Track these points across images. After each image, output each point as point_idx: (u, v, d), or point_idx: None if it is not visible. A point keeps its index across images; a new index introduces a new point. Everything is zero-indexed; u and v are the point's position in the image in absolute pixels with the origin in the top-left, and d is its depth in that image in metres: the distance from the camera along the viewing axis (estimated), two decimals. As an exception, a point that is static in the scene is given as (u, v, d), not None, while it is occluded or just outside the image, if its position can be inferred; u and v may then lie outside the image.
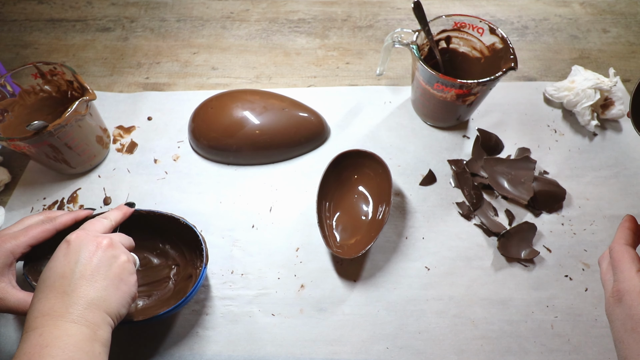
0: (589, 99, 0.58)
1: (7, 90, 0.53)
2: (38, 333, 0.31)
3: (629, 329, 0.29)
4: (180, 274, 0.48)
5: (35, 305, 0.33)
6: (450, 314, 0.47)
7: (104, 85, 0.67)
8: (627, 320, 0.30)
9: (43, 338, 0.31)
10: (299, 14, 0.77)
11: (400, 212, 0.54)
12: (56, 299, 0.33)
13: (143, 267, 0.49)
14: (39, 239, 0.41)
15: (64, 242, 0.37)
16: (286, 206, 0.55)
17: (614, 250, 0.33)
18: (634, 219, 0.35)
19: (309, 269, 0.50)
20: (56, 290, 0.33)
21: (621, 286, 0.31)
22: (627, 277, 0.31)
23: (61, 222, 0.42)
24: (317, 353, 0.45)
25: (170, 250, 0.50)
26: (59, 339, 0.31)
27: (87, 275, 0.35)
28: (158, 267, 0.49)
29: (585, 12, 0.76)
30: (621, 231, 0.34)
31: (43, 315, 0.32)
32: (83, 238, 0.37)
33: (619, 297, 0.31)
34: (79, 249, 0.36)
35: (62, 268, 0.35)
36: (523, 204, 0.54)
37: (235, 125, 0.56)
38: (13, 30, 0.75)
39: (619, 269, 0.32)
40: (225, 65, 0.70)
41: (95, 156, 0.57)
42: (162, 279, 0.48)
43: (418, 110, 0.62)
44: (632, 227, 0.34)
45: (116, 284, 0.36)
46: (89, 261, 0.35)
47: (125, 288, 0.37)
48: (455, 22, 0.55)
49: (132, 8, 0.78)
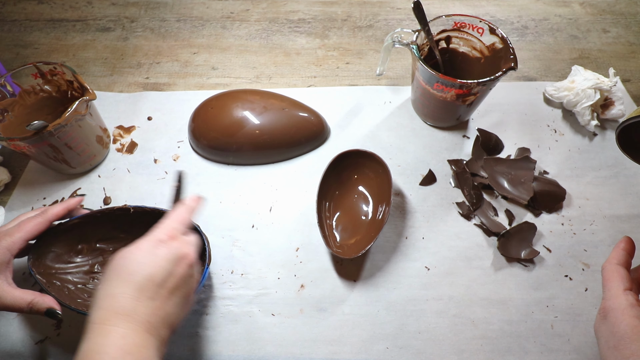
0: (589, 99, 0.58)
1: (7, 90, 0.53)
2: (120, 334, 0.30)
3: (611, 347, 0.29)
4: None
5: (113, 292, 0.32)
6: (450, 314, 0.47)
7: (104, 85, 0.67)
8: (610, 337, 0.30)
9: (125, 342, 0.30)
10: (299, 14, 0.77)
11: (400, 212, 0.54)
12: (139, 301, 0.32)
13: None
14: (33, 233, 0.40)
15: (165, 243, 0.35)
16: (286, 206, 0.55)
17: (605, 270, 0.34)
18: (630, 241, 0.35)
19: (309, 269, 0.50)
20: (141, 291, 0.32)
21: (607, 304, 0.31)
22: (613, 295, 0.31)
23: (53, 213, 0.42)
24: (317, 353, 0.45)
25: None
26: (140, 349, 0.30)
27: (172, 288, 0.34)
28: None
29: (585, 12, 0.76)
30: (615, 251, 0.34)
31: (123, 313, 0.31)
32: (182, 248, 0.36)
33: (605, 314, 0.31)
34: (175, 258, 0.35)
35: (154, 270, 0.33)
36: (523, 204, 0.54)
37: (235, 125, 0.56)
38: (13, 30, 0.75)
39: (607, 287, 0.32)
40: (225, 65, 0.70)
41: (95, 156, 0.57)
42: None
43: (418, 110, 0.62)
44: (626, 247, 0.34)
45: (184, 303, 0.36)
46: (179, 275, 0.34)
47: (188, 308, 0.36)
48: (455, 22, 0.55)
49: (132, 8, 0.78)
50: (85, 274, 0.47)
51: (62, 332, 0.46)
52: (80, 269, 0.47)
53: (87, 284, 0.46)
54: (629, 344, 0.28)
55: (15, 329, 0.47)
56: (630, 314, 0.29)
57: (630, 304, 0.30)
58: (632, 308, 0.30)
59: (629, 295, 0.31)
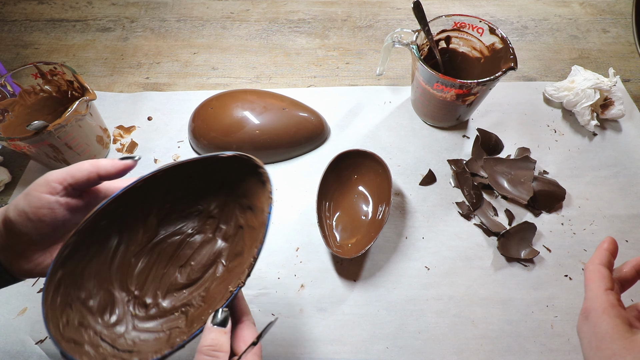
0: (588, 99, 0.58)
1: (7, 90, 0.53)
2: None
3: (593, 347, 0.29)
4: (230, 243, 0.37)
5: None
6: (450, 313, 0.47)
7: (104, 85, 0.67)
8: (592, 338, 0.30)
9: None
10: (299, 14, 0.77)
11: (400, 212, 0.54)
12: None
13: (183, 248, 0.37)
14: (77, 174, 0.31)
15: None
16: (286, 206, 0.55)
17: (587, 270, 0.33)
18: (613, 241, 0.35)
19: (309, 268, 0.50)
20: None
21: (588, 304, 0.31)
22: (594, 295, 0.31)
23: (102, 167, 0.33)
24: (317, 353, 0.45)
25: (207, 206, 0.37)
26: None
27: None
28: (202, 245, 0.37)
29: (585, 12, 0.76)
30: (598, 252, 0.34)
31: None
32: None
33: (586, 315, 0.31)
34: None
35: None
36: (523, 204, 0.54)
37: (235, 125, 0.56)
38: (13, 31, 0.75)
39: (589, 287, 0.32)
40: (225, 65, 0.70)
41: (95, 156, 0.57)
42: (210, 262, 0.37)
43: (418, 110, 0.62)
44: (609, 248, 0.34)
45: None
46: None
47: None
48: (455, 22, 0.55)
49: (132, 8, 0.78)
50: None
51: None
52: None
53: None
54: (610, 344, 0.28)
55: (16, 329, 0.47)
56: (610, 313, 0.29)
57: (611, 304, 0.30)
58: (612, 308, 0.30)
59: (610, 295, 0.31)
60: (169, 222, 0.37)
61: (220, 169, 0.35)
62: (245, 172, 0.35)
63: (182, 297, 0.35)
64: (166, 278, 0.36)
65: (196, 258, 0.37)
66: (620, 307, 0.30)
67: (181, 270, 0.36)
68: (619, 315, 0.29)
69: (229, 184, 0.37)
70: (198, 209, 0.38)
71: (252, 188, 0.36)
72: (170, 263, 0.36)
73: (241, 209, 0.37)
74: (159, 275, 0.36)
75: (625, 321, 0.29)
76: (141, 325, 0.33)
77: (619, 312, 0.29)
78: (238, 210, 0.37)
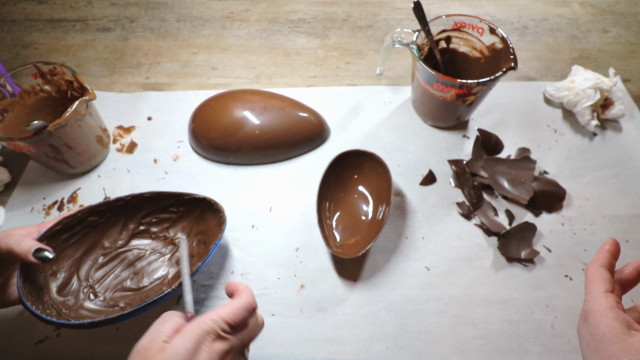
0: (589, 99, 0.58)
1: (7, 90, 0.53)
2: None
3: (592, 349, 0.29)
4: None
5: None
6: (450, 314, 0.47)
7: (104, 85, 0.67)
8: (591, 339, 0.30)
9: None
10: (299, 14, 0.77)
11: (400, 212, 0.54)
12: None
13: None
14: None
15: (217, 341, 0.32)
16: (286, 206, 0.55)
17: (588, 272, 0.34)
18: (615, 243, 0.35)
19: (309, 269, 0.50)
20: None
21: (588, 306, 0.31)
22: (594, 297, 0.31)
23: (19, 253, 0.38)
24: (317, 353, 0.45)
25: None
26: None
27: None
28: (157, 263, 0.49)
29: (585, 12, 0.76)
30: (599, 253, 0.34)
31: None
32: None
33: (586, 316, 0.31)
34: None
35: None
36: (523, 204, 0.54)
37: (235, 125, 0.56)
38: (13, 30, 0.75)
39: (589, 289, 0.32)
40: (225, 65, 0.70)
41: (95, 156, 0.57)
42: (157, 279, 0.48)
43: (418, 110, 0.62)
44: (611, 250, 0.34)
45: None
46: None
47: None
48: (455, 22, 0.55)
49: (132, 8, 0.78)
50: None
51: (62, 332, 0.46)
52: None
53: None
54: (607, 346, 0.28)
55: (15, 329, 0.47)
56: (609, 315, 0.29)
57: (610, 306, 0.30)
58: (611, 310, 0.30)
59: (609, 297, 0.31)
60: (140, 238, 0.49)
61: (194, 206, 0.49)
62: (210, 211, 0.49)
63: (127, 297, 0.45)
64: (120, 280, 0.46)
65: (148, 271, 0.48)
66: (619, 309, 0.30)
67: (133, 277, 0.47)
68: (617, 317, 0.29)
69: (195, 219, 0.50)
70: (165, 236, 0.50)
71: (212, 229, 0.48)
72: (128, 269, 0.47)
73: (197, 243, 0.49)
74: (115, 276, 0.47)
75: (624, 323, 0.29)
76: (86, 305, 0.43)
77: (617, 315, 0.30)
78: (195, 243, 0.49)
